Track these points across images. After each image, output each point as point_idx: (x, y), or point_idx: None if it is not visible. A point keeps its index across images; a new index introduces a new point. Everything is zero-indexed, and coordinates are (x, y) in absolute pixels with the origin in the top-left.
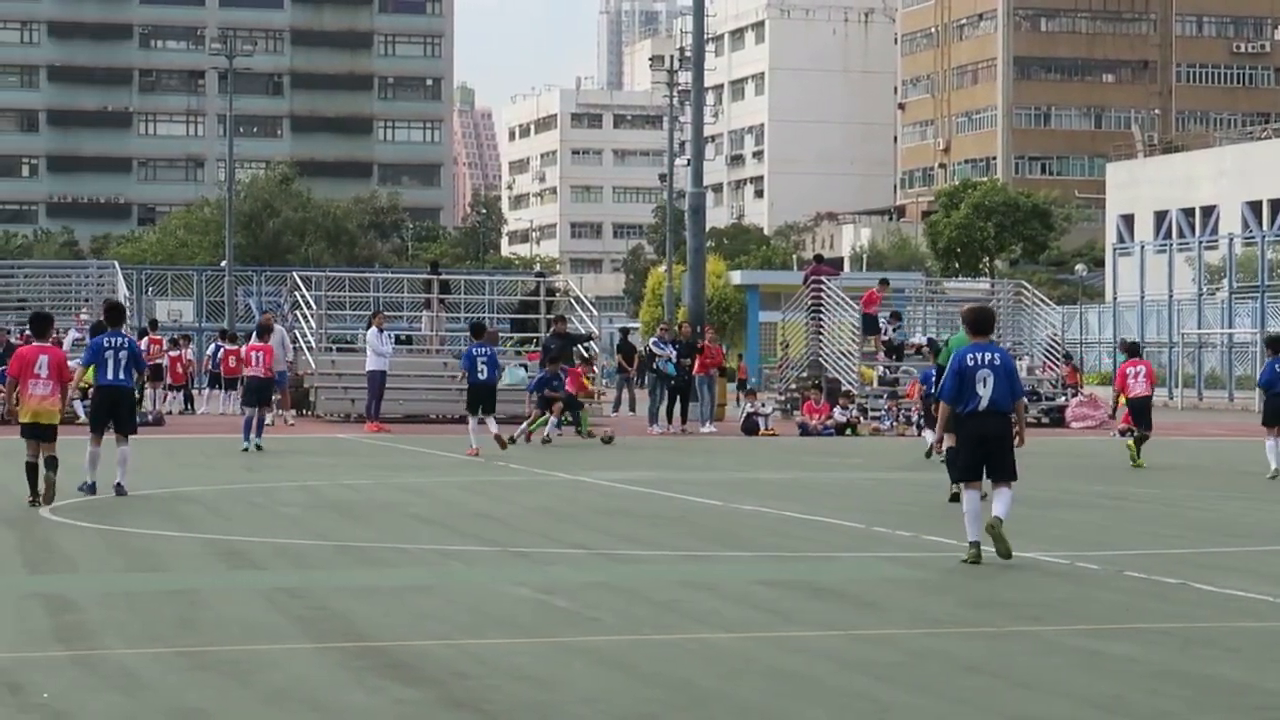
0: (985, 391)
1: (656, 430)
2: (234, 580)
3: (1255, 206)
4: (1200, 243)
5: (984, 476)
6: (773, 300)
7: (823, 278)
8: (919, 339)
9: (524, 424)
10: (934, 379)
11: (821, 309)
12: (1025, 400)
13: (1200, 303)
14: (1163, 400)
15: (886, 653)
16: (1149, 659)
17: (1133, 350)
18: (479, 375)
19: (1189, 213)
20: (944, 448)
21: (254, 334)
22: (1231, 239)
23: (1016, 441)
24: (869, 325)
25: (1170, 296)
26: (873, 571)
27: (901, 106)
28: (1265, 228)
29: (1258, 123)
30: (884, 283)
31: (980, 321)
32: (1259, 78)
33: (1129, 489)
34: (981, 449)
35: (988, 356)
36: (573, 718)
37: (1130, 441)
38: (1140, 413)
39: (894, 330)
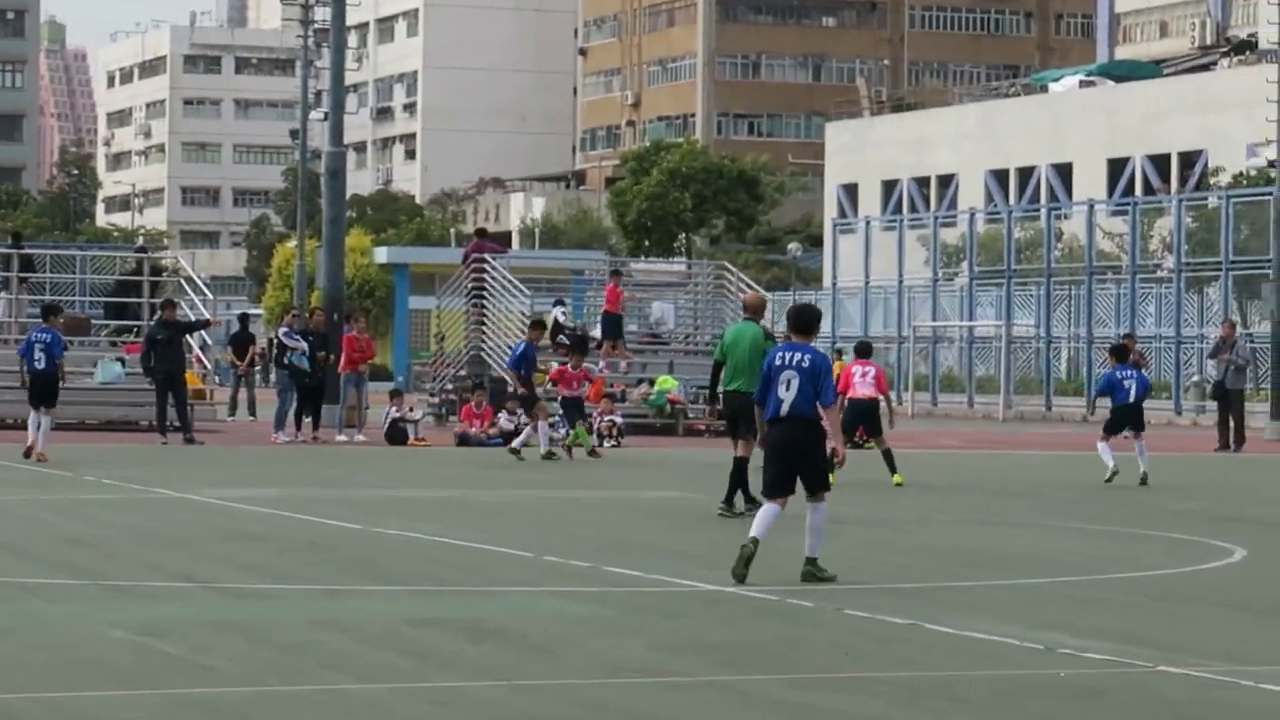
0: (788, 395)
1: (283, 438)
2: None
3: (1001, 176)
4: (936, 219)
5: (787, 492)
6: (425, 283)
7: (486, 256)
8: (600, 330)
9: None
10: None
11: (484, 294)
12: (839, 407)
13: (935, 290)
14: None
15: (558, 707)
16: (868, 713)
17: (863, 351)
18: (35, 364)
19: (923, 183)
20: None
21: None
22: (973, 214)
23: (837, 461)
24: (610, 328)
25: (900, 282)
26: (544, 608)
27: (583, 52)
28: (1012, 201)
29: (1004, 77)
30: (616, 273)
31: (800, 320)
32: (1005, 24)
33: (852, 511)
34: (784, 459)
35: (796, 357)
36: None
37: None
38: (861, 416)
39: (563, 316)
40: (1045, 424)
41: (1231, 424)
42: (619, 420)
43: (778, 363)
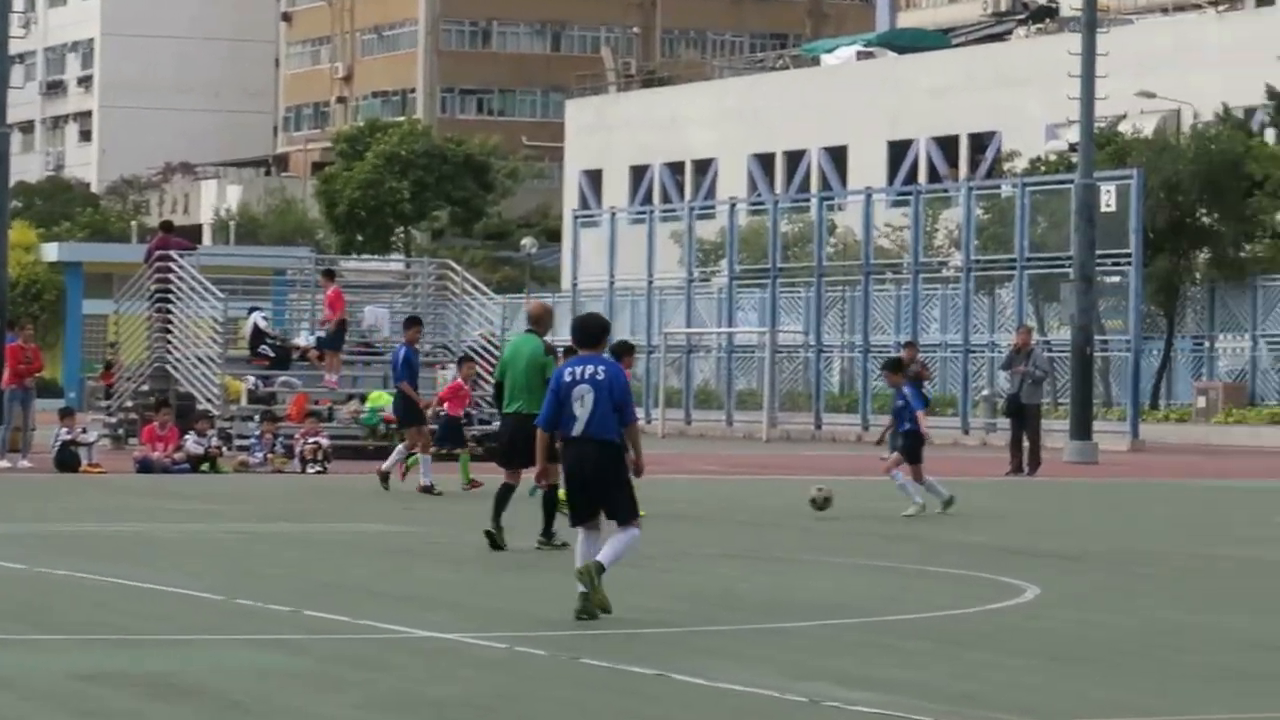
0: (583, 412)
1: None
2: None
3: (766, 161)
4: (691, 210)
5: (596, 516)
6: (103, 284)
7: (173, 254)
8: (305, 339)
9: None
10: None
11: (170, 297)
12: (638, 424)
13: (690, 291)
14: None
15: None
16: None
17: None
18: None
19: (677, 169)
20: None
21: None
22: (733, 205)
23: (634, 471)
24: (335, 338)
25: (650, 283)
26: (239, 660)
27: (286, 18)
28: (778, 190)
29: (770, 48)
30: (329, 274)
31: (586, 333)
32: None
33: None
34: (586, 488)
35: (590, 370)
36: None
37: None
38: None
39: (263, 323)
40: (815, 444)
41: (1026, 444)
42: (325, 442)
43: (567, 379)
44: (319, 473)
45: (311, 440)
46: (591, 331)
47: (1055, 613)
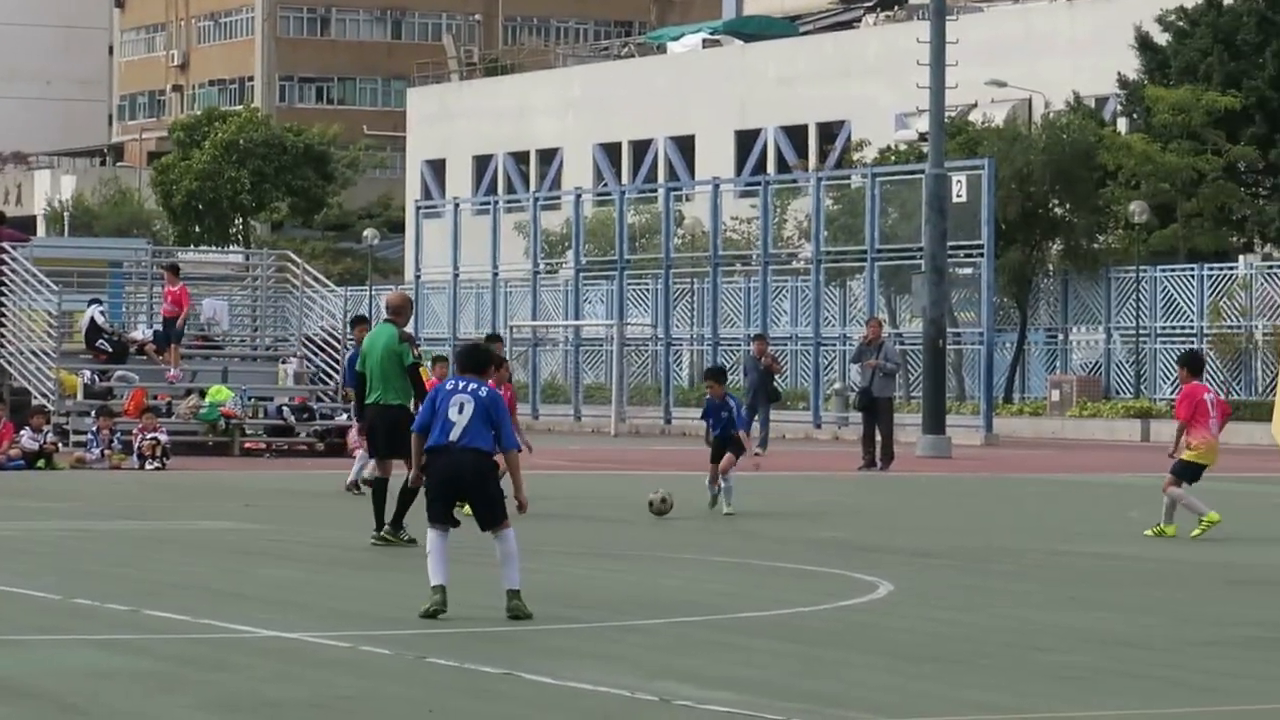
0: (460, 419)
1: None
2: None
3: (612, 150)
4: (536, 200)
5: (452, 522)
6: None
7: (4, 245)
8: (142, 333)
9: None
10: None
11: (3, 290)
12: (519, 451)
13: (536, 283)
14: None
15: None
16: None
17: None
18: None
19: (521, 158)
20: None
21: None
22: (579, 195)
23: (517, 507)
24: (178, 332)
25: (495, 275)
26: (74, 661)
27: (120, 4)
28: (625, 180)
29: (615, 35)
30: (174, 269)
31: (472, 361)
32: None
33: None
34: (453, 492)
35: (471, 385)
36: None
37: None
38: None
39: (100, 318)
40: (665, 439)
41: (879, 438)
42: (164, 438)
43: (449, 387)
44: (158, 469)
45: (150, 436)
46: (477, 361)
47: (907, 610)
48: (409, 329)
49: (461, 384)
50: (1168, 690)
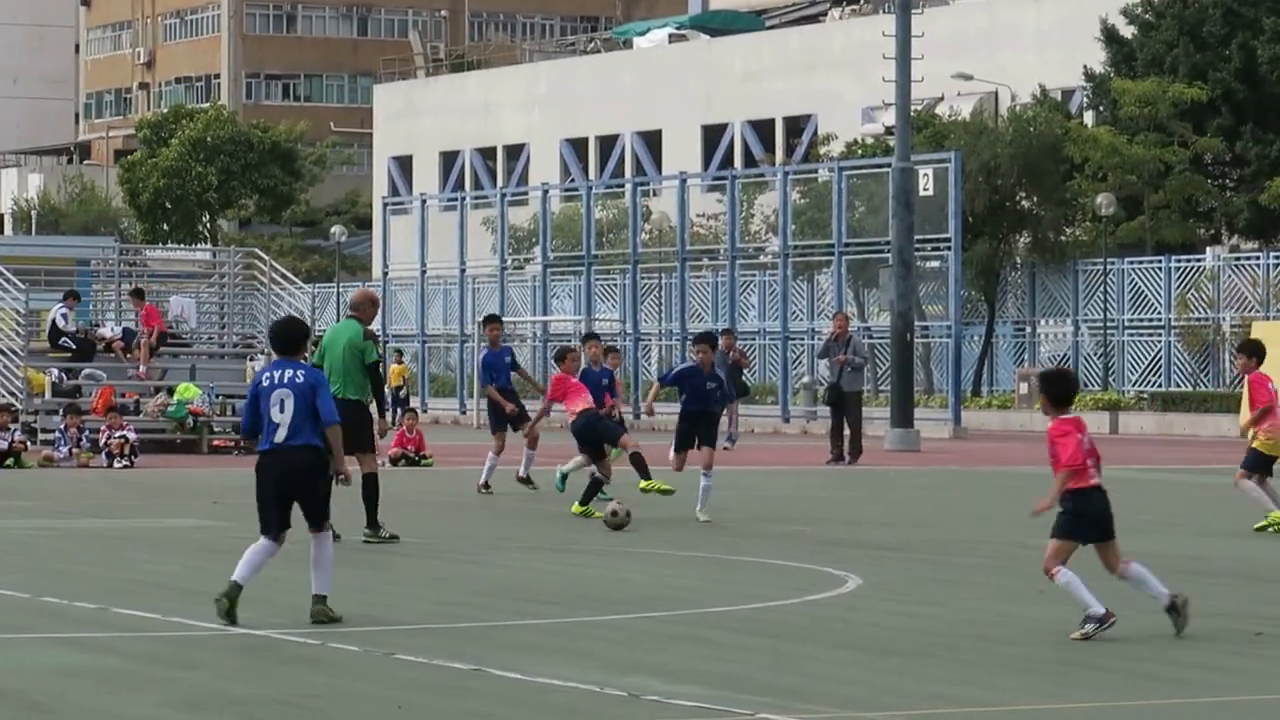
0: (283, 418)
1: None
2: None
3: (578, 146)
4: (504, 196)
5: (285, 526)
6: None
7: None
8: (110, 329)
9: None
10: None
11: None
12: (339, 426)
13: (504, 279)
14: (453, 416)
15: None
16: None
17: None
18: None
19: (488, 154)
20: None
21: None
22: (546, 191)
23: (339, 479)
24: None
25: (462, 271)
26: (42, 659)
27: (86, 2)
28: (592, 176)
29: (581, 31)
30: (138, 294)
31: (283, 338)
32: None
33: (407, 538)
34: (284, 493)
35: (289, 374)
36: None
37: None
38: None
39: (66, 320)
40: (634, 434)
41: (847, 432)
42: (132, 436)
43: (265, 383)
44: (126, 467)
45: (118, 434)
46: (288, 338)
47: (875, 603)
48: (373, 327)
49: (278, 374)
50: (1136, 683)
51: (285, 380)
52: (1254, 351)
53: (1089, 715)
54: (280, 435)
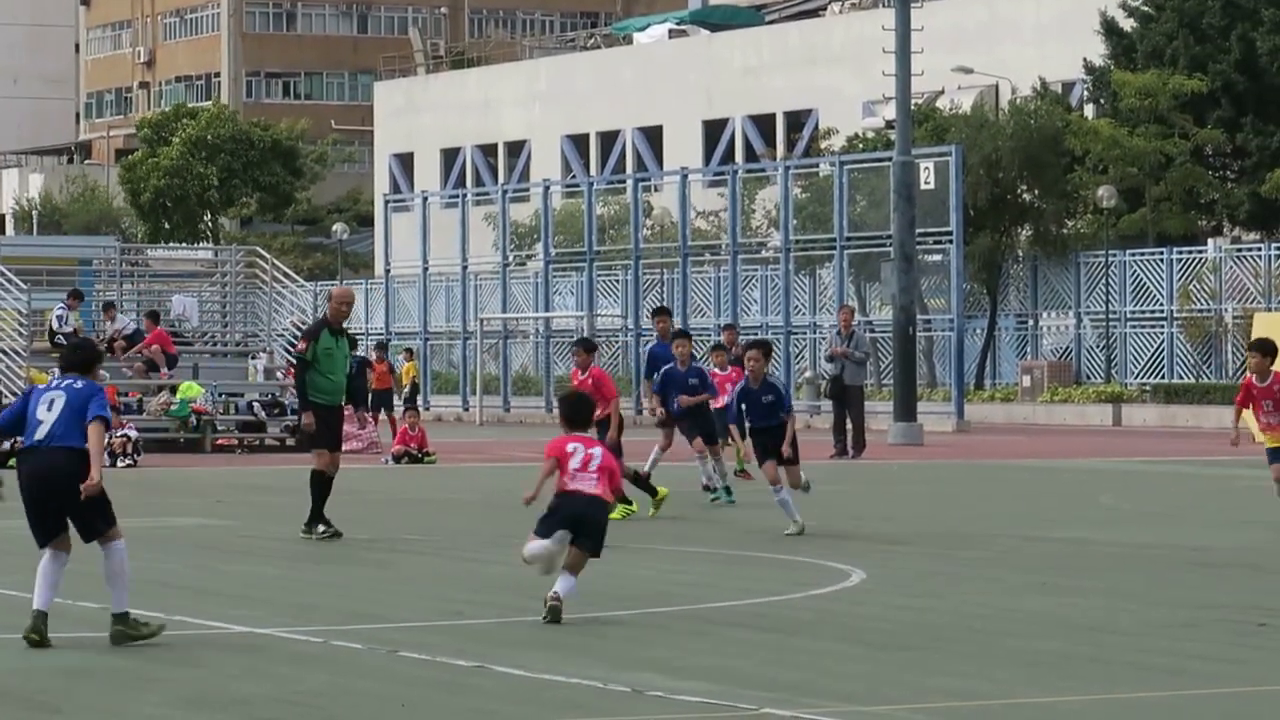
0: (49, 417)
1: None
2: None
3: (579, 142)
4: (505, 193)
5: (62, 531)
6: None
7: None
8: (124, 324)
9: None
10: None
11: None
12: (103, 422)
13: (506, 276)
14: (455, 413)
15: None
16: None
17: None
18: None
19: (489, 151)
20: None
21: None
22: (547, 187)
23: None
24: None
25: (464, 268)
26: (46, 659)
27: (85, 1)
28: (593, 172)
29: (581, 26)
30: (153, 316)
31: (75, 358)
32: None
33: (402, 535)
34: (49, 498)
35: (68, 382)
36: None
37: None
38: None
39: (62, 321)
40: (637, 430)
41: (850, 426)
42: (134, 435)
43: (42, 387)
44: (129, 466)
45: (121, 433)
46: (79, 358)
47: (879, 597)
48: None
49: (59, 382)
50: (1138, 675)
51: (62, 386)
52: (1268, 350)
53: (1092, 708)
54: (40, 434)
